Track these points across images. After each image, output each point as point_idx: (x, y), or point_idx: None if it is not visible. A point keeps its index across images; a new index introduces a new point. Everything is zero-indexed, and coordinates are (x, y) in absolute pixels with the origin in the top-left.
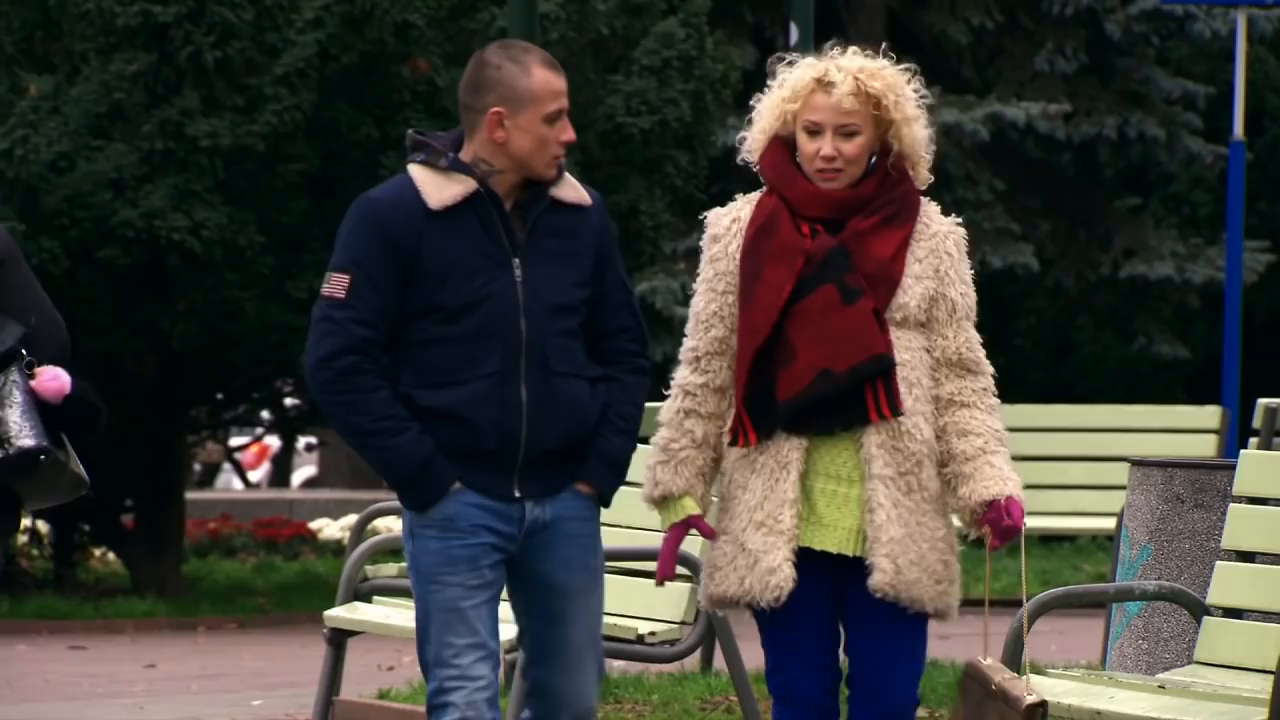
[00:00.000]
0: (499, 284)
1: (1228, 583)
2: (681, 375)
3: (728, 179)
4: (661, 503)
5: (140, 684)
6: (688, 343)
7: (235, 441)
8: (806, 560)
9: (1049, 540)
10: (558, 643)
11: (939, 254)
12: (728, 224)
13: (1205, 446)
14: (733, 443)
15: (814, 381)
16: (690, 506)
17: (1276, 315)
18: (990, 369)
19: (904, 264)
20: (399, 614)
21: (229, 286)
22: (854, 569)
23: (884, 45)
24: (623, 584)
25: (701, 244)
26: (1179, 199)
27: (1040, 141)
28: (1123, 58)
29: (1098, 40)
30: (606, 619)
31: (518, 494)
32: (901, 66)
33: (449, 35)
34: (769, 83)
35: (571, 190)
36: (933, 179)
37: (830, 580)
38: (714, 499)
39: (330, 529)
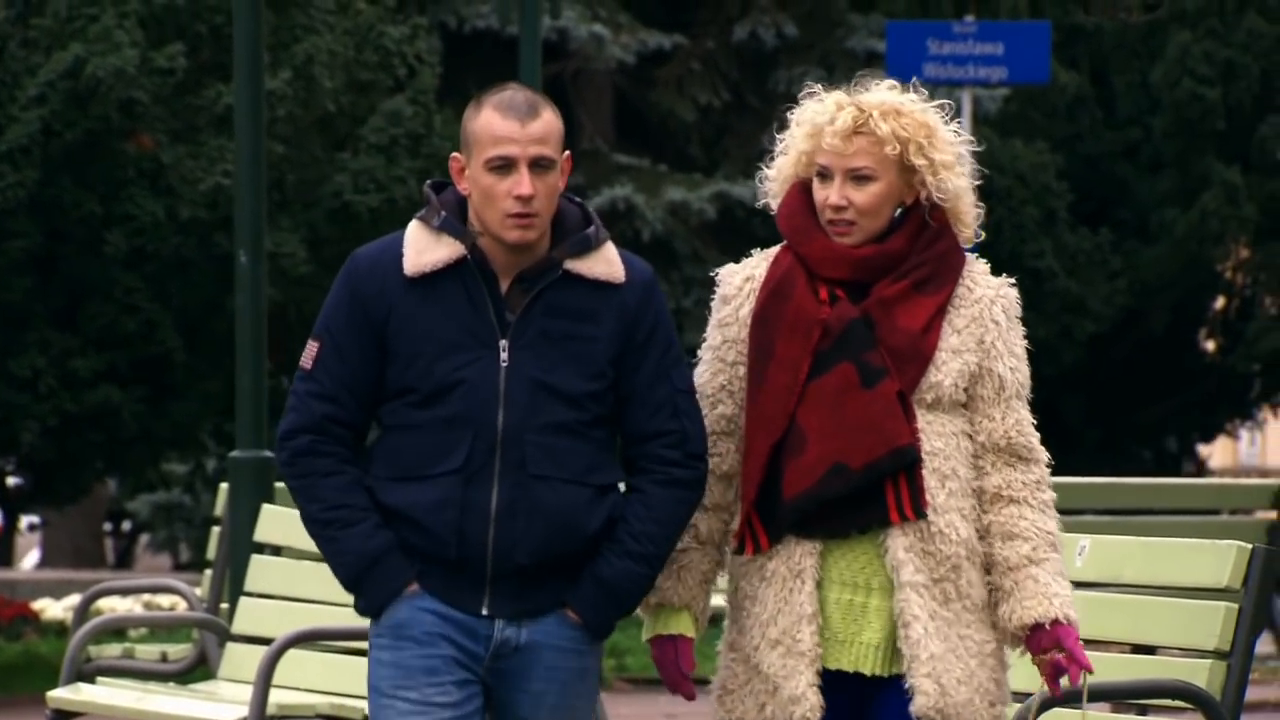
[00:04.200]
0: (477, 367)
1: None
2: None
3: None
4: (655, 610)
5: None
6: None
7: None
8: (825, 681)
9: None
10: None
11: (983, 322)
12: (740, 283)
13: None
14: (739, 549)
15: (824, 478)
16: (685, 625)
17: None
18: (1045, 456)
19: (938, 336)
20: (123, 695)
21: None
22: (878, 688)
23: (914, 80)
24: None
25: (711, 306)
26: None
27: (768, 220)
28: None
29: None
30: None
31: (486, 611)
32: (936, 104)
33: (174, 111)
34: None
35: (603, 265)
36: (982, 235)
37: (853, 701)
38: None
39: (53, 609)
